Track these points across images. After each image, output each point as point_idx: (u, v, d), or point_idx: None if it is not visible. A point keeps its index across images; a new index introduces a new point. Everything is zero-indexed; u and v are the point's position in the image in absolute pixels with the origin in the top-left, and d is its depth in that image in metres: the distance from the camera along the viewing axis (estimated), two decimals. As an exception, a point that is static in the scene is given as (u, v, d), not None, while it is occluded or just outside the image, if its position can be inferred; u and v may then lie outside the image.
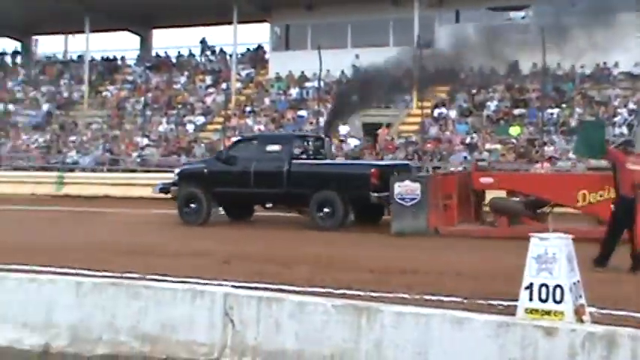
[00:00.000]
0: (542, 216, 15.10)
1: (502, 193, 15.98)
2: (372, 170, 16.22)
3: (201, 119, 33.82)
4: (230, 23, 34.78)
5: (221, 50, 40.01)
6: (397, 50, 25.01)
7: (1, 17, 40.23)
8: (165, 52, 40.82)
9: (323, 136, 19.37)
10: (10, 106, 39.48)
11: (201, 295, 6.28)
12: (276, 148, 17.01)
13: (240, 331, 6.07)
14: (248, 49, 39.22)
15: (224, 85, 35.22)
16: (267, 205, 17.70)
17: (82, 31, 38.11)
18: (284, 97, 33.61)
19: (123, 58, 42.17)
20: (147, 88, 36.58)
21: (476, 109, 28.93)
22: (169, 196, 17.99)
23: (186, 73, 38.16)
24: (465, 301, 8.15)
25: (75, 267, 10.21)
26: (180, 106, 35.35)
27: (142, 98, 34.54)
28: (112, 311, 6.51)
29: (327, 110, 26.39)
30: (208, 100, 34.95)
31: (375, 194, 15.82)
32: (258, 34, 53.67)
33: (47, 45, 50.44)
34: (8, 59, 45.80)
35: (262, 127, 31.04)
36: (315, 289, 8.74)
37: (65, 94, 39.59)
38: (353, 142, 27.70)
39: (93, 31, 37.97)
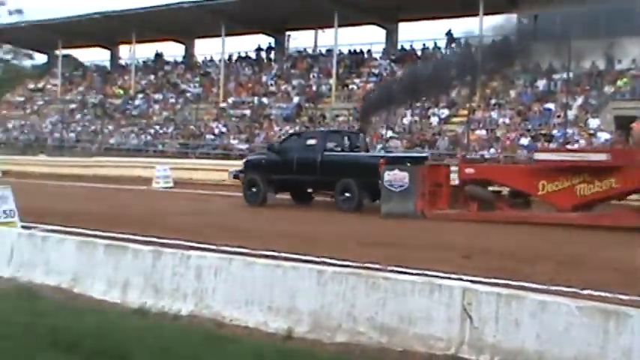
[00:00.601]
0: (519, 204, 17.17)
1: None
2: (381, 160, 18.34)
3: (445, 112, 33.87)
4: (476, 15, 34.58)
5: (466, 42, 40.11)
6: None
7: (257, 15, 42.46)
8: (411, 45, 41.21)
9: (358, 131, 22.55)
10: (264, 99, 41.31)
11: (440, 289, 6.17)
12: (312, 142, 19.68)
13: (478, 327, 5.90)
14: (493, 41, 39.43)
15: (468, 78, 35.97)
16: (308, 190, 20.48)
17: (331, 26, 39.45)
18: (530, 90, 32.97)
19: (369, 52, 42.75)
20: (392, 81, 39.63)
21: None
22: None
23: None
24: None
25: (317, 255, 10.51)
26: (424, 98, 35.57)
27: (387, 91, 37.01)
28: (352, 301, 6.55)
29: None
30: (453, 92, 34.52)
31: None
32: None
33: (299, 40, 52.89)
34: (263, 54, 47.70)
35: (507, 121, 30.57)
36: (558, 288, 8.35)
37: (314, 87, 40.71)
38: (603, 136, 26.64)
39: (341, 25, 39.01)
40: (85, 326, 6.76)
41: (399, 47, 41.77)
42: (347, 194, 18.49)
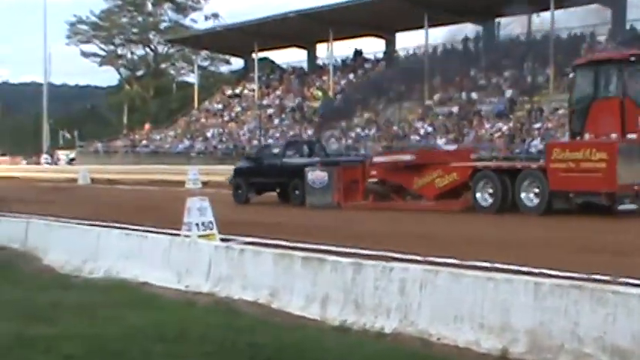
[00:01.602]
0: (412, 197, 21.56)
1: None
2: (318, 164, 23.79)
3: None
4: None
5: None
6: None
7: (462, 2, 41.06)
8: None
9: (315, 140, 30.41)
10: (473, 94, 40.53)
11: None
12: (276, 151, 25.89)
13: None
14: None
15: None
16: (277, 190, 25.36)
17: (547, 9, 37.95)
18: None
19: (592, 35, 40.48)
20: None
21: None
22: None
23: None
24: None
25: (526, 265, 10.15)
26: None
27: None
28: (575, 318, 6.29)
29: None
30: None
31: None
32: None
33: (510, 27, 51.53)
34: (470, 45, 46.38)
35: None
36: None
37: (529, 79, 39.58)
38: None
39: (558, 7, 36.89)
40: (284, 343, 6.91)
41: (628, 27, 39.42)
42: (296, 192, 23.93)
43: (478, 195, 19.78)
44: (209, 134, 53.36)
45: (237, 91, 60.22)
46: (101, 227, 14.66)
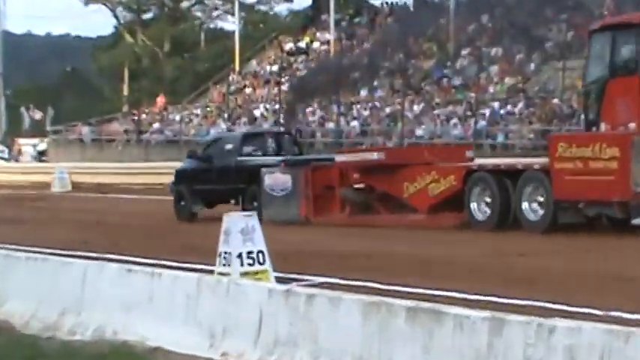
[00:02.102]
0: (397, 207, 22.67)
1: None
2: (282, 163, 24.32)
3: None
4: None
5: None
6: None
7: None
8: None
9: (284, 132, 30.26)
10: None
11: None
12: (229, 146, 26.81)
13: None
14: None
15: None
16: (231, 201, 25.54)
17: None
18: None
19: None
20: None
21: None
22: None
23: None
24: None
25: None
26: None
27: None
28: None
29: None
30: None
31: None
32: None
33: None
34: None
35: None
36: None
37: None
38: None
39: None
40: None
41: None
42: (255, 203, 23.84)
43: (473, 205, 20.74)
44: (258, 112, 49.63)
45: (303, 43, 56.20)
46: (89, 260, 13.26)
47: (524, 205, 19.35)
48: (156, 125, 53.80)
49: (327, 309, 8.86)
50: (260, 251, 11.30)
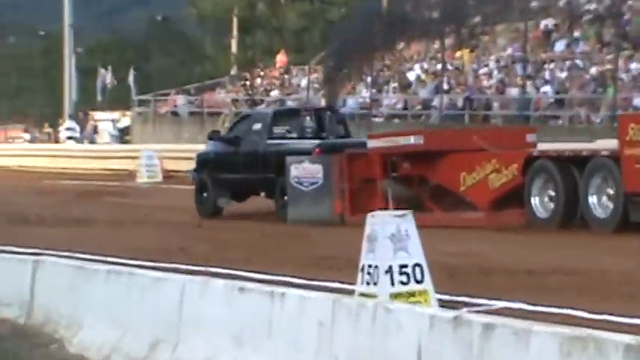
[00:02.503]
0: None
1: None
2: (316, 149, 26.28)
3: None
4: None
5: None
6: None
7: None
8: None
9: (325, 108, 29.70)
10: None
11: None
12: (258, 126, 29.94)
13: None
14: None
15: None
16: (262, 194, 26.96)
17: None
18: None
19: None
20: None
21: None
22: None
23: None
24: None
25: None
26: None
27: None
28: None
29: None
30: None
31: None
32: None
33: None
34: None
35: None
36: None
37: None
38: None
39: None
40: None
41: None
42: (285, 197, 25.18)
43: (534, 200, 22.32)
44: (412, 75, 50.25)
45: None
46: (187, 275, 13.26)
47: (591, 199, 20.61)
48: (274, 93, 53.04)
49: (511, 345, 8.63)
50: (417, 264, 10.88)
